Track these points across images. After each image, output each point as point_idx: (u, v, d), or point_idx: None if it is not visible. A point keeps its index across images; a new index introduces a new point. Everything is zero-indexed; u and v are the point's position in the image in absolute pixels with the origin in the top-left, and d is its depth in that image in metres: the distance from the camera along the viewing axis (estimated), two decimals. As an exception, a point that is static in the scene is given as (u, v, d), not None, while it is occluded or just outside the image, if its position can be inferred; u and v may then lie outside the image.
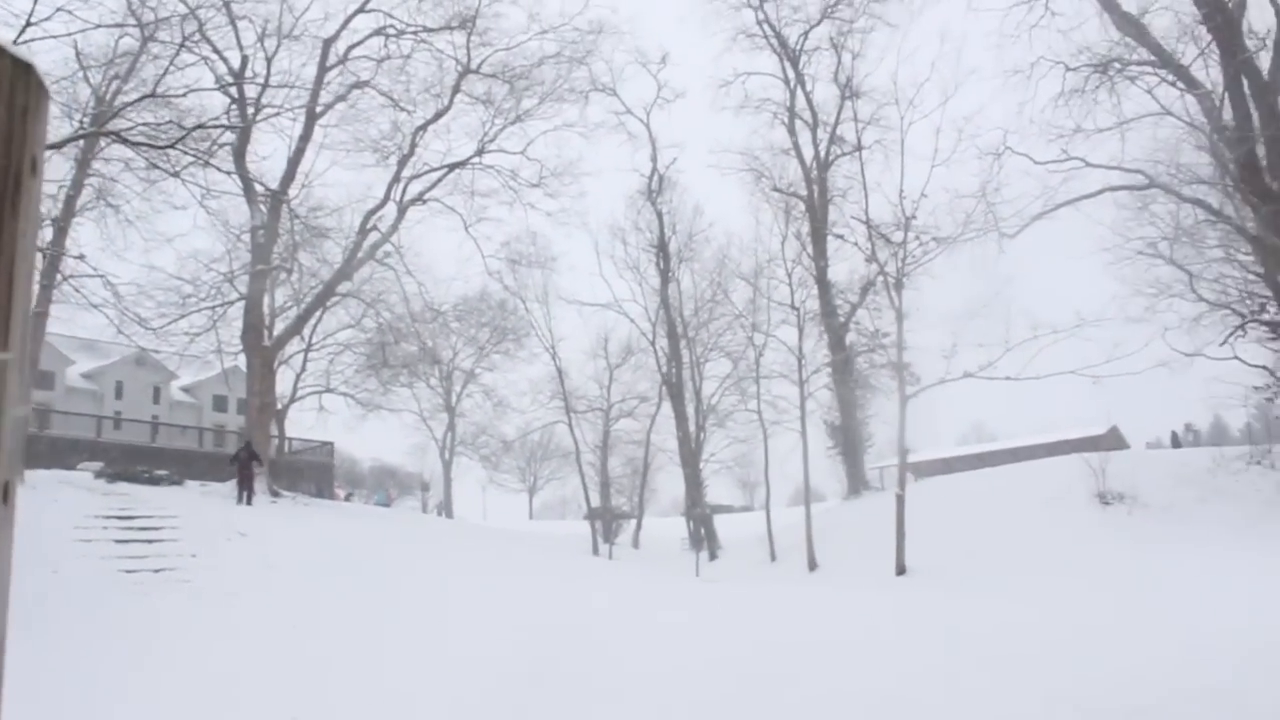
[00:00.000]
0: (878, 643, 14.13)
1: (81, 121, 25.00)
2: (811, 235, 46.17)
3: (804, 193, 47.63)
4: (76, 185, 27.13)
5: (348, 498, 57.75)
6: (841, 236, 45.62)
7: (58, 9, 19.66)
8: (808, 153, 48.46)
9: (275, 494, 30.16)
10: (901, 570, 29.04)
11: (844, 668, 12.34)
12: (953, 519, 32.08)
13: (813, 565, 36.20)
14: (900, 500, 29.64)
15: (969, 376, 30.03)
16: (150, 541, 19.71)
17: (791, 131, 48.68)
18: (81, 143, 24.31)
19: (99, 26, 22.75)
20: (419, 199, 35.46)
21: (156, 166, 22.76)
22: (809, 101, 48.63)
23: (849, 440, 47.34)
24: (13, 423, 1.09)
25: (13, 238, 1.05)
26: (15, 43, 1.15)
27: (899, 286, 32.44)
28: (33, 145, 1.07)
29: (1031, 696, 10.91)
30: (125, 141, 19.97)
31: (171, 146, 19.76)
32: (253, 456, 28.29)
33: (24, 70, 1.07)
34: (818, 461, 46.68)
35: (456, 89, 34.77)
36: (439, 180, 35.82)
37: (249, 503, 26.81)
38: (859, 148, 45.24)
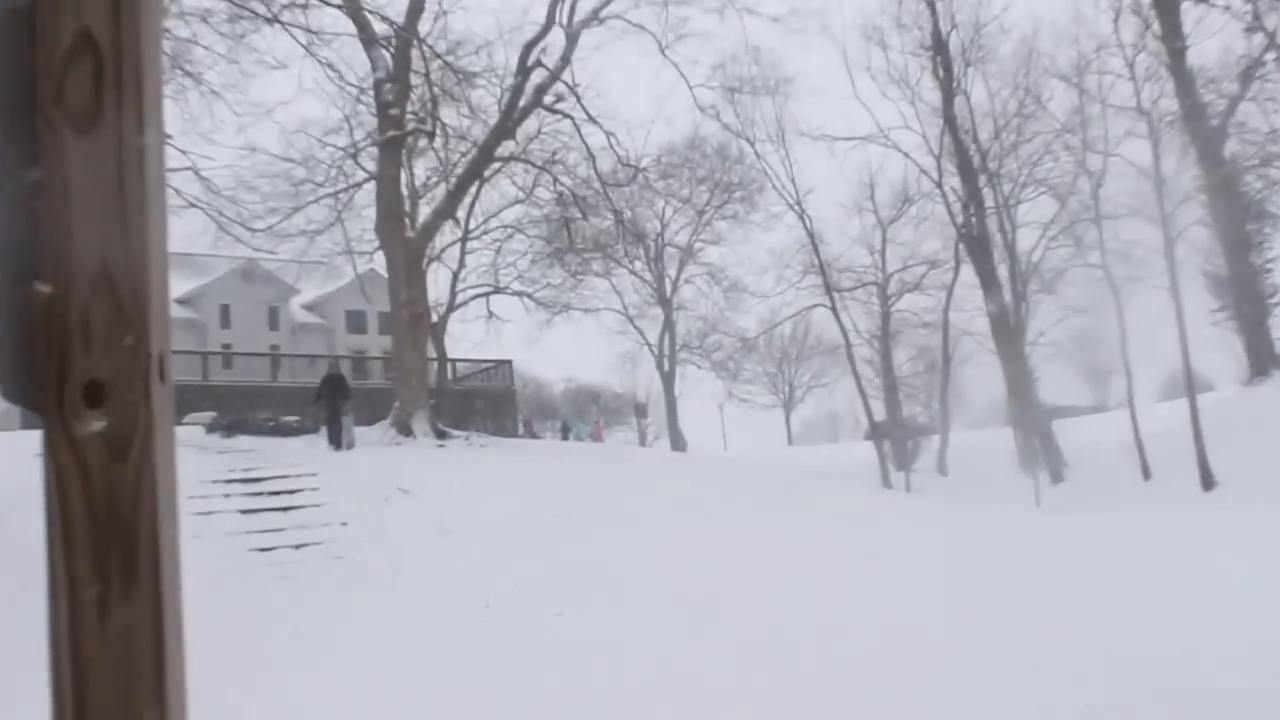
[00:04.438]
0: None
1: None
2: (1157, 5, 43.45)
3: (1139, -54, 45.08)
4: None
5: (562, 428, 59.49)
6: (1206, 0, 42.98)
7: None
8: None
9: (442, 434, 30.64)
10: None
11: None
12: None
13: (1208, 483, 34.73)
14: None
15: None
16: (286, 509, 20.21)
17: None
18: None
19: None
20: (594, 18, 34.40)
21: (247, 10, 22.90)
22: None
23: (1245, 297, 44.92)
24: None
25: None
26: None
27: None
28: None
29: None
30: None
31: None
32: (341, 388, 28.94)
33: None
34: (1199, 331, 44.43)
35: None
36: (619, -11, 34.89)
37: (349, 446, 27.24)
38: None
